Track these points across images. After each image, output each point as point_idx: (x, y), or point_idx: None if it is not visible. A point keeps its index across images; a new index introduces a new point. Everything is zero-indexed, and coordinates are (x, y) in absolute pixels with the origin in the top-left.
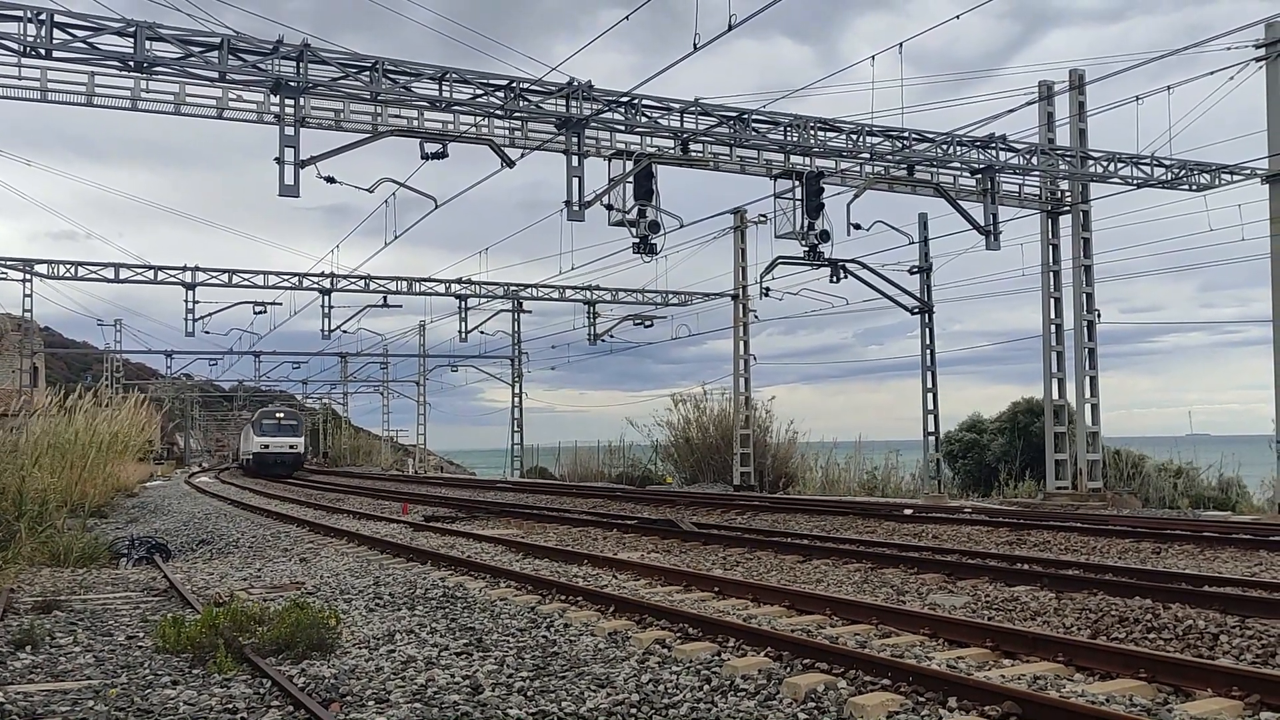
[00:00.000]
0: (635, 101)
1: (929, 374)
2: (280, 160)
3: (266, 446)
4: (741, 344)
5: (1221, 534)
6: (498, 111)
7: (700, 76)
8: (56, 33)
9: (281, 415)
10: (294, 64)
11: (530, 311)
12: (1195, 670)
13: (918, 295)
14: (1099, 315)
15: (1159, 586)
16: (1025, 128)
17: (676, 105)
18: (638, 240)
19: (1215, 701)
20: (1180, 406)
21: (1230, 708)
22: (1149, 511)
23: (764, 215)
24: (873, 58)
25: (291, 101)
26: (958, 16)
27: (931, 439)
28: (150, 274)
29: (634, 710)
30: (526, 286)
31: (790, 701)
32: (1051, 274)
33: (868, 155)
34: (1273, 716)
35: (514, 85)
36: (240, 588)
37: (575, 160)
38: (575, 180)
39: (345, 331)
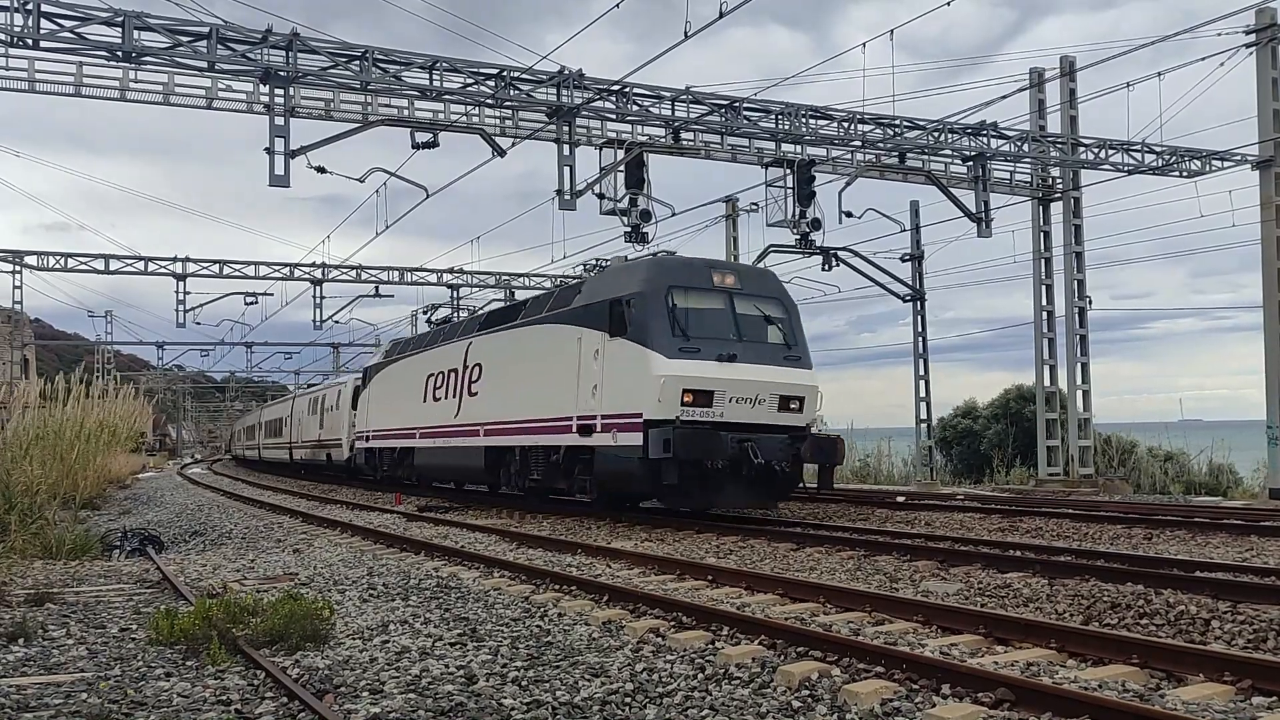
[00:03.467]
0: (626, 90)
1: (921, 361)
2: (270, 150)
3: (719, 416)
4: None
5: (1213, 519)
6: (488, 100)
7: (693, 65)
8: (44, 22)
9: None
10: (283, 53)
11: None
12: (1187, 655)
13: (910, 283)
14: (1090, 302)
15: (1151, 572)
16: (1017, 115)
17: (668, 93)
18: (629, 229)
19: (1207, 687)
20: (1171, 392)
21: (1222, 693)
22: (1140, 497)
23: (755, 204)
24: (864, 45)
25: (281, 91)
26: (948, 3)
27: (924, 426)
28: (141, 265)
29: (628, 699)
30: (519, 275)
31: (784, 689)
32: (1043, 261)
33: (859, 143)
34: (1264, 701)
35: (504, 74)
36: (233, 579)
37: (566, 149)
38: (566, 169)
39: (337, 322)
